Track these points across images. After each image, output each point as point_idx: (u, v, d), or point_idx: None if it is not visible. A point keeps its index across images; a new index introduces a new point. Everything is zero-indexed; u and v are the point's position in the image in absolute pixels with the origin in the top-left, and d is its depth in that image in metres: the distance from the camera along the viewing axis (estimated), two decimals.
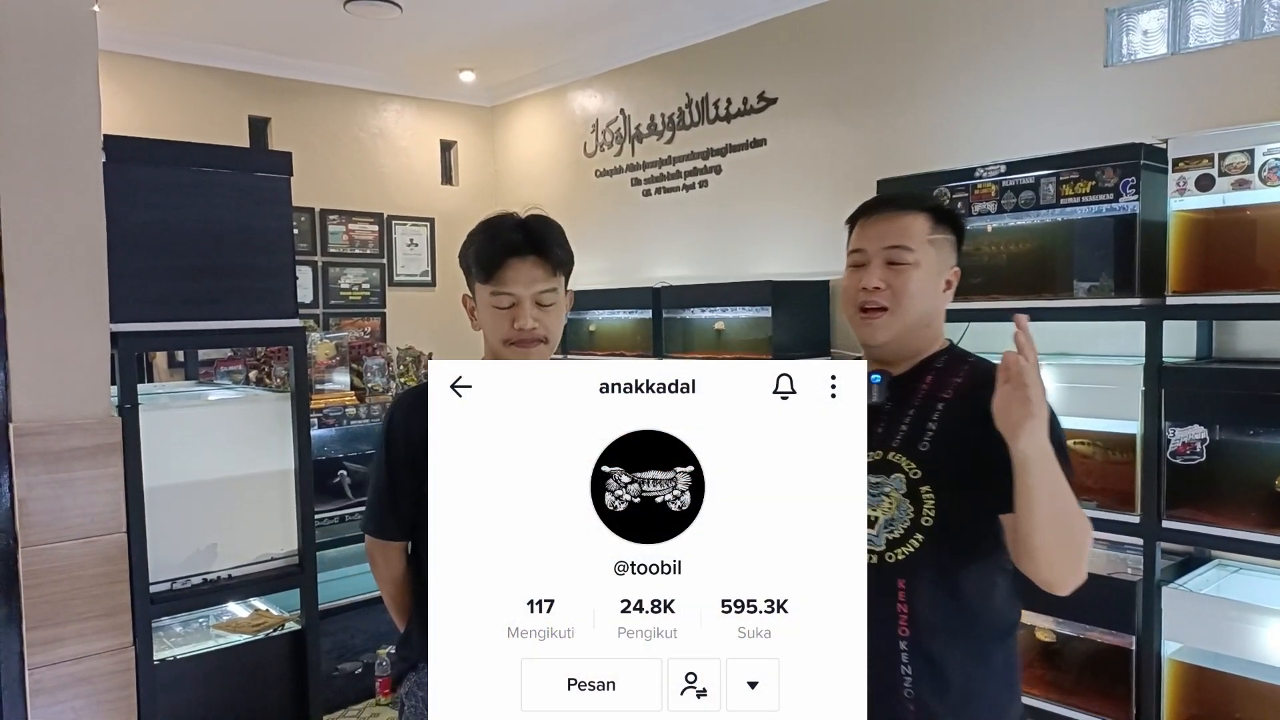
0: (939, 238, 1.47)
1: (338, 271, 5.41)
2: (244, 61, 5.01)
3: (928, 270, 1.45)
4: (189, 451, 2.53)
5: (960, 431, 1.38)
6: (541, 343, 1.60)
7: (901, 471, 1.41)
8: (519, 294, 1.57)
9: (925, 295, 1.45)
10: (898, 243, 1.45)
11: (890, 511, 1.40)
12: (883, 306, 1.44)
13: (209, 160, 2.45)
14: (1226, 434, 2.58)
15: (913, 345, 1.48)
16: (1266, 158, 2.43)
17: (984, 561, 1.42)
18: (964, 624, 1.41)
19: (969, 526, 1.39)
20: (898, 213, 1.47)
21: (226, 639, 2.71)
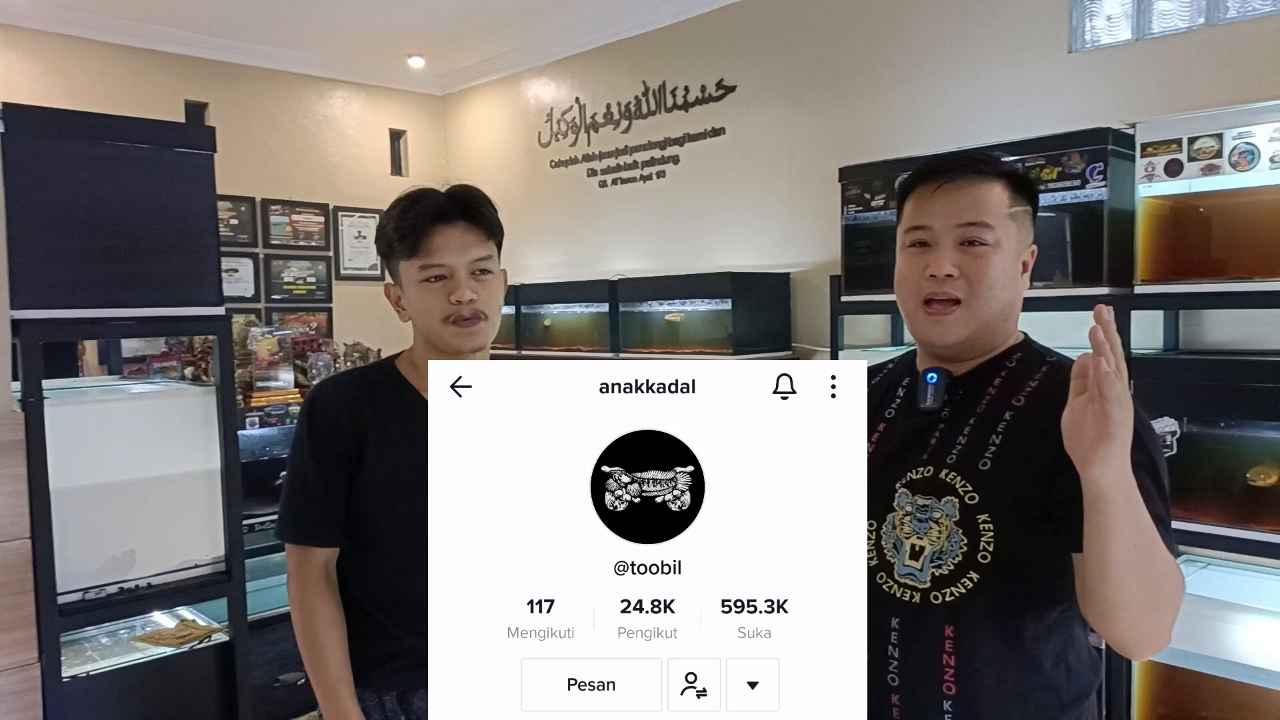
0: (1019, 210, 1.21)
1: (281, 264, 5.20)
2: (180, 43, 4.78)
3: (1008, 252, 1.19)
4: (104, 450, 2.33)
5: (1030, 447, 1.12)
6: (483, 319, 1.45)
7: (955, 495, 1.15)
8: (452, 264, 1.42)
9: (1008, 283, 1.19)
10: (975, 218, 1.17)
11: (939, 542, 1.15)
12: (955, 298, 1.18)
13: (124, 134, 2.26)
14: (1197, 426, 2.52)
15: (988, 342, 1.23)
16: (1236, 142, 2.37)
17: (1056, 610, 1.16)
18: (1027, 686, 1.15)
19: (1037, 567, 1.13)
20: (974, 179, 1.19)
21: (149, 652, 2.52)
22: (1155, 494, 1.07)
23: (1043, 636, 1.16)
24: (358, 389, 1.50)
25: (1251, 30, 2.73)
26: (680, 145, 4.42)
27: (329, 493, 1.45)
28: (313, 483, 1.45)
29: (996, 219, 1.18)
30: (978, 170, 1.20)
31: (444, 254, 1.41)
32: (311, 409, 1.47)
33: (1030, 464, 1.12)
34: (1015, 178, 1.22)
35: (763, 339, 3.77)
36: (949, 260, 1.18)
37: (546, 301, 4.49)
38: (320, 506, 1.45)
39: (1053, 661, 1.17)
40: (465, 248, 1.43)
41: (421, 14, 4.58)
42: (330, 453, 1.44)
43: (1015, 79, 3.24)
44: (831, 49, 3.79)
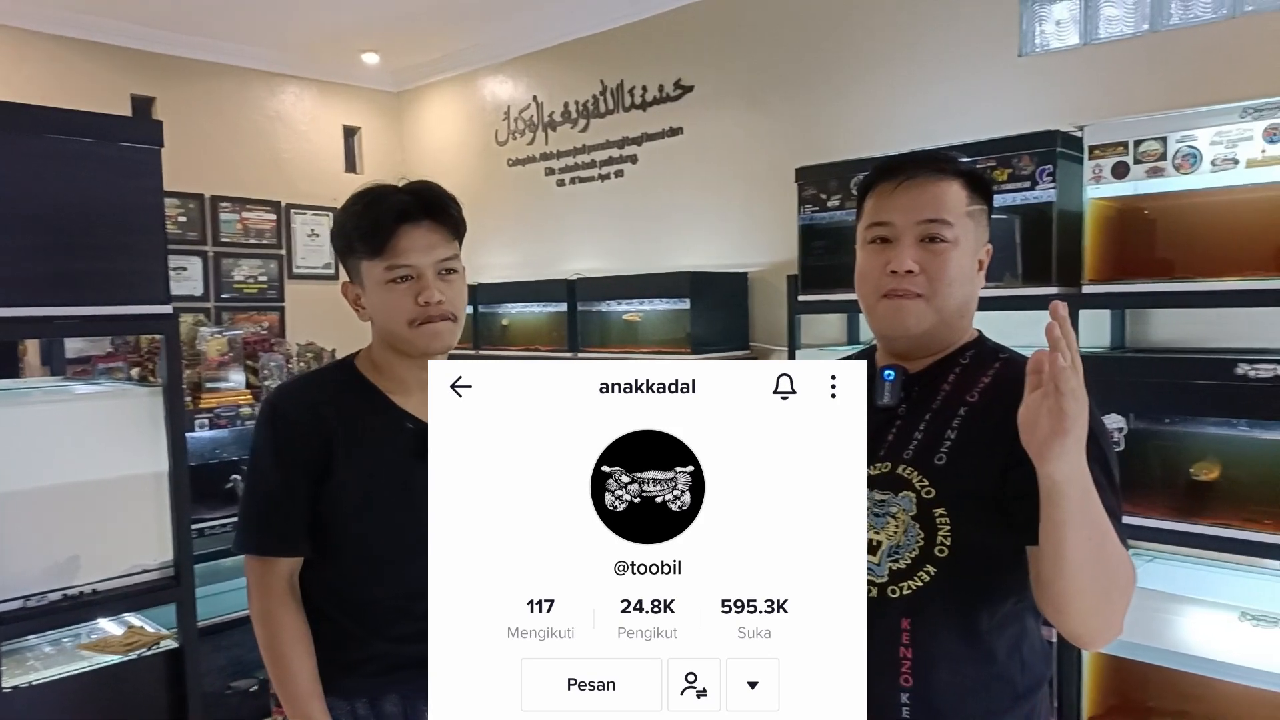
0: (976, 209, 1.24)
1: (231, 263, 5.09)
2: (126, 36, 4.66)
3: (967, 250, 1.21)
4: (47, 452, 2.26)
5: (985, 442, 1.15)
6: (450, 320, 1.42)
7: (912, 489, 1.17)
8: (419, 264, 1.39)
9: (965, 280, 1.22)
10: (935, 215, 1.19)
11: (896, 537, 1.17)
12: (916, 293, 1.19)
13: (66, 127, 2.19)
14: (1143, 423, 2.57)
15: (945, 337, 1.26)
16: (1179, 145, 2.43)
17: (1010, 603, 1.18)
18: (982, 678, 1.17)
19: (992, 560, 1.15)
20: (933, 178, 1.21)
21: (94, 660, 2.45)
22: (1107, 487, 1.08)
23: (997, 629, 1.17)
24: (321, 391, 1.46)
25: (1193, 36, 2.80)
26: (638, 145, 4.41)
27: (294, 500, 1.41)
28: (277, 490, 1.41)
29: (955, 216, 1.20)
30: (937, 169, 1.23)
31: (410, 254, 1.38)
32: (274, 413, 1.43)
33: (985, 459, 1.14)
34: (973, 177, 1.25)
35: (721, 338, 3.78)
36: (910, 256, 1.19)
37: (504, 301, 4.46)
38: (286, 515, 1.41)
39: (1007, 653, 1.18)
40: (431, 248, 1.40)
41: (376, 9, 4.51)
42: (296, 458, 1.40)
43: (967, 82, 3.29)
44: (789, 51, 3.82)
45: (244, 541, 1.44)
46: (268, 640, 1.41)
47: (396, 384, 1.48)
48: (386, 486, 1.45)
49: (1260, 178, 2.34)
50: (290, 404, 1.44)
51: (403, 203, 1.39)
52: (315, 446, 1.41)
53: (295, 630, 1.41)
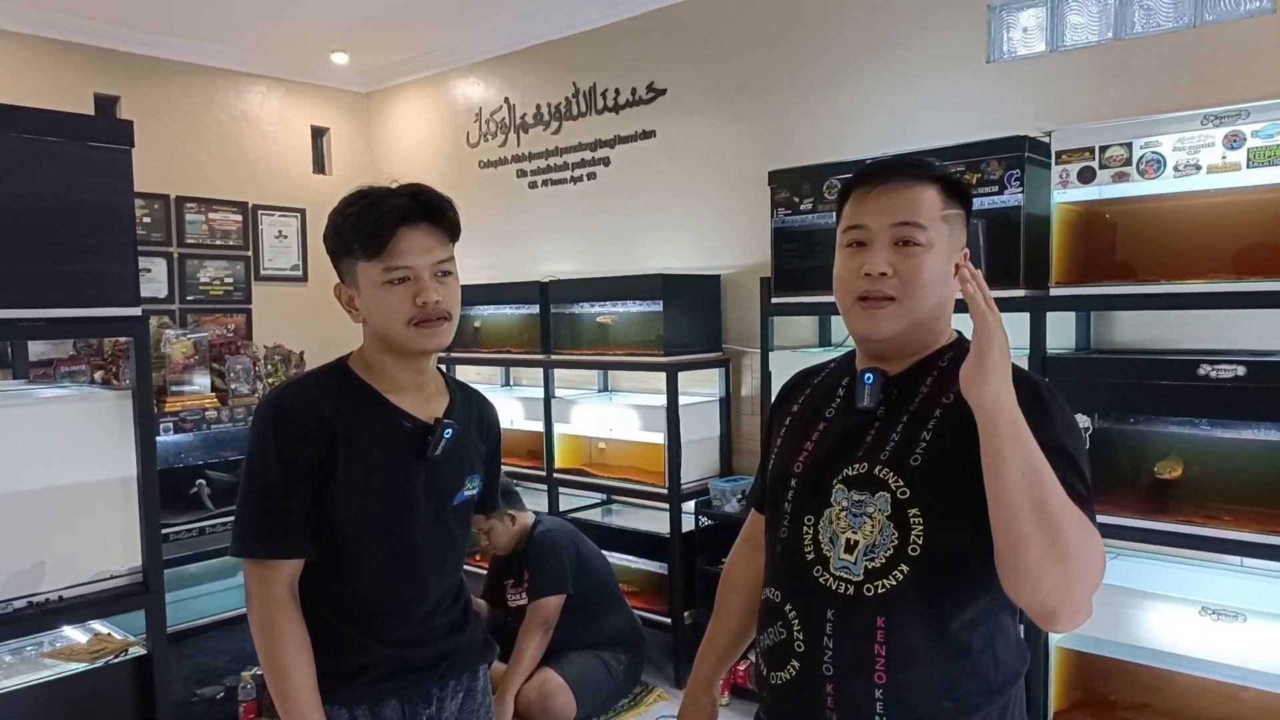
0: (951, 213, 1.26)
1: (196, 264, 5.02)
2: (89, 34, 4.57)
3: (940, 253, 1.23)
4: (10, 457, 2.22)
5: (958, 441, 1.16)
6: (447, 320, 1.44)
7: (888, 490, 1.19)
8: (417, 266, 1.40)
9: (939, 283, 1.23)
10: (909, 219, 1.21)
11: (872, 536, 1.19)
12: (890, 295, 1.21)
13: (33, 126, 2.15)
14: (1108, 422, 2.63)
15: (921, 340, 1.27)
16: (1144, 151, 2.48)
17: (984, 600, 1.20)
18: (955, 674, 1.19)
19: (965, 559, 1.17)
20: (908, 183, 1.24)
21: (59, 669, 2.40)
22: (1067, 467, 1.12)
23: (970, 625, 1.20)
24: (322, 393, 1.46)
25: (1156, 45, 2.87)
26: (611, 147, 4.42)
27: (298, 502, 1.40)
28: (281, 493, 1.39)
29: (929, 220, 1.23)
30: (912, 174, 1.25)
31: (408, 256, 1.40)
32: (277, 416, 1.41)
33: (958, 458, 1.16)
34: (949, 182, 1.27)
35: (694, 340, 3.80)
36: (883, 259, 1.21)
37: (477, 303, 4.44)
38: (290, 518, 1.40)
39: (980, 649, 1.20)
40: (429, 249, 1.42)
41: (345, 8, 4.47)
42: (299, 461, 1.40)
43: (937, 87, 3.34)
44: (761, 55, 3.85)
45: (245, 546, 1.42)
46: (269, 650, 1.39)
47: (390, 384, 1.49)
48: (385, 486, 1.45)
49: (1221, 183, 2.40)
50: (294, 406, 1.43)
51: (402, 205, 1.40)
52: (319, 448, 1.41)
53: (297, 640, 1.39)
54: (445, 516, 1.53)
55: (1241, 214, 2.51)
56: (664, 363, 3.63)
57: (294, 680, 1.37)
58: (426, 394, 1.52)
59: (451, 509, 1.54)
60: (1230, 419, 2.41)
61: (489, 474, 1.65)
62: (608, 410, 4.04)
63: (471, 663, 1.60)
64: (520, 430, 4.34)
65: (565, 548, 3.27)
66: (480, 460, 1.61)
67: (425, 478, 1.49)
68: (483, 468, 1.61)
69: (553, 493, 4.12)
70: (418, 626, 1.50)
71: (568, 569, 3.24)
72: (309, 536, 1.41)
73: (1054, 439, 1.12)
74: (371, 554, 1.45)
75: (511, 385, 4.81)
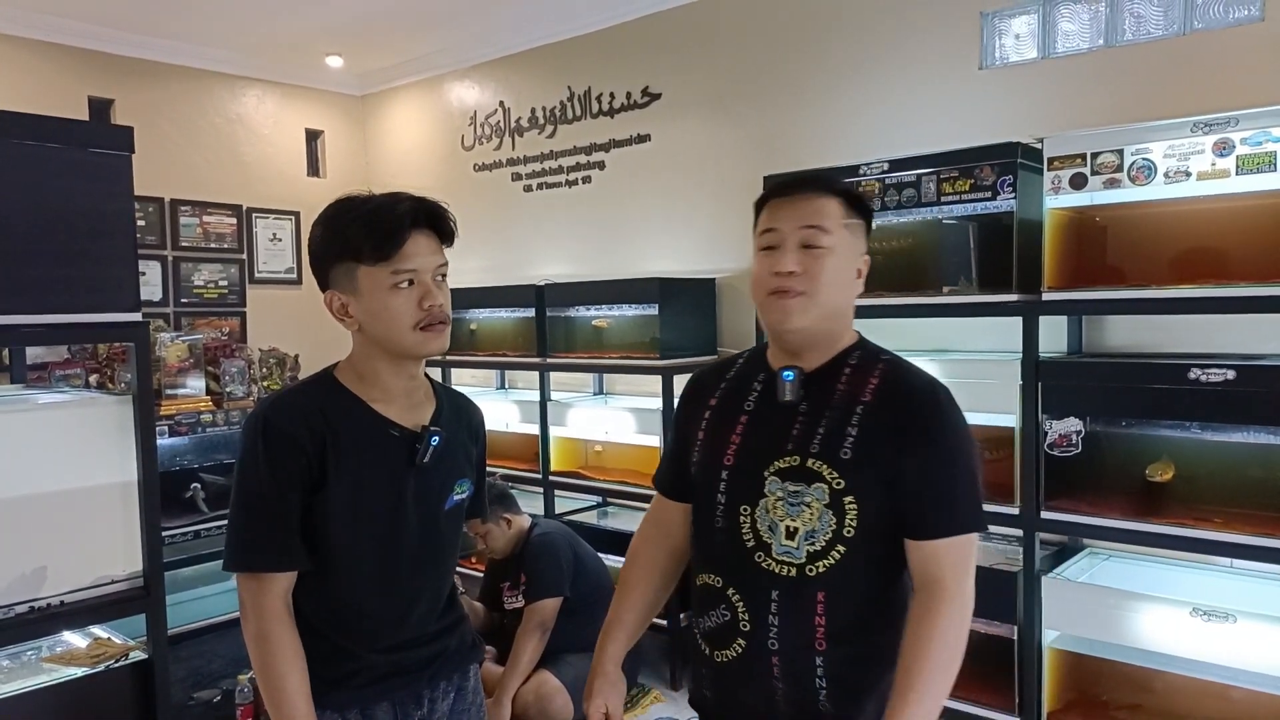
0: (853, 223, 1.42)
1: (191, 267, 5.01)
2: (83, 37, 4.56)
3: (842, 256, 1.40)
4: (11, 462, 2.22)
5: (881, 442, 1.34)
6: (446, 325, 1.47)
7: (824, 481, 1.34)
8: (422, 269, 1.43)
9: (840, 283, 1.40)
10: (814, 223, 1.38)
11: (812, 523, 1.34)
12: (800, 290, 1.37)
13: (34, 132, 2.16)
14: (1100, 426, 2.66)
15: (825, 336, 1.42)
16: (1134, 158, 2.52)
17: (901, 570, 1.39)
18: (886, 637, 1.37)
19: (892, 536, 1.36)
20: (813, 194, 1.41)
21: (60, 673, 2.40)
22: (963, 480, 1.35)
23: (896, 592, 1.40)
24: (310, 403, 1.46)
25: (1146, 52, 2.90)
26: (606, 151, 4.44)
27: (290, 514, 1.41)
28: (273, 504, 1.40)
29: (832, 226, 1.39)
30: (817, 187, 1.43)
31: (415, 259, 1.42)
32: (266, 428, 1.42)
33: (882, 453, 1.34)
34: (850, 195, 1.44)
35: (689, 343, 3.82)
36: (792, 259, 1.38)
37: (472, 306, 4.45)
38: (282, 529, 1.40)
39: (902, 611, 1.38)
40: (432, 254, 1.45)
41: (340, 12, 4.48)
42: (290, 471, 1.40)
43: (930, 94, 3.37)
44: (756, 61, 3.87)
45: (239, 559, 1.42)
46: (263, 660, 1.40)
47: (380, 392, 1.50)
48: (375, 496, 1.46)
49: (1211, 189, 2.44)
50: (283, 418, 1.43)
51: (410, 209, 1.43)
52: (310, 459, 1.41)
53: (291, 651, 1.40)
54: (436, 522, 1.54)
55: (1231, 220, 2.55)
56: (659, 366, 3.65)
57: (289, 691, 1.38)
58: (414, 401, 1.53)
59: (443, 514, 1.55)
60: (1220, 422, 2.45)
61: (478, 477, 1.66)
62: (603, 413, 4.06)
63: (461, 663, 1.61)
64: (516, 433, 4.35)
65: (562, 550, 3.29)
66: (470, 464, 1.61)
67: (415, 485, 1.49)
68: (472, 472, 1.62)
69: (549, 495, 4.13)
70: (409, 631, 1.52)
71: (564, 572, 3.25)
72: (302, 547, 1.42)
73: (948, 454, 1.34)
74: (363, 562, 1.46)
75: (507, 388, 4.83)
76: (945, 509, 1.33)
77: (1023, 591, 2.73)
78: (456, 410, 1.62)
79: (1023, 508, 2.74)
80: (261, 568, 1.41)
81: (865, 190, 3.00)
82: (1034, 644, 2.72)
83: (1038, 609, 2.70)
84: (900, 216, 2.97)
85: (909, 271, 3.04)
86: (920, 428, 1.34)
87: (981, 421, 2.90)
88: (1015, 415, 2.75)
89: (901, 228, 3.03)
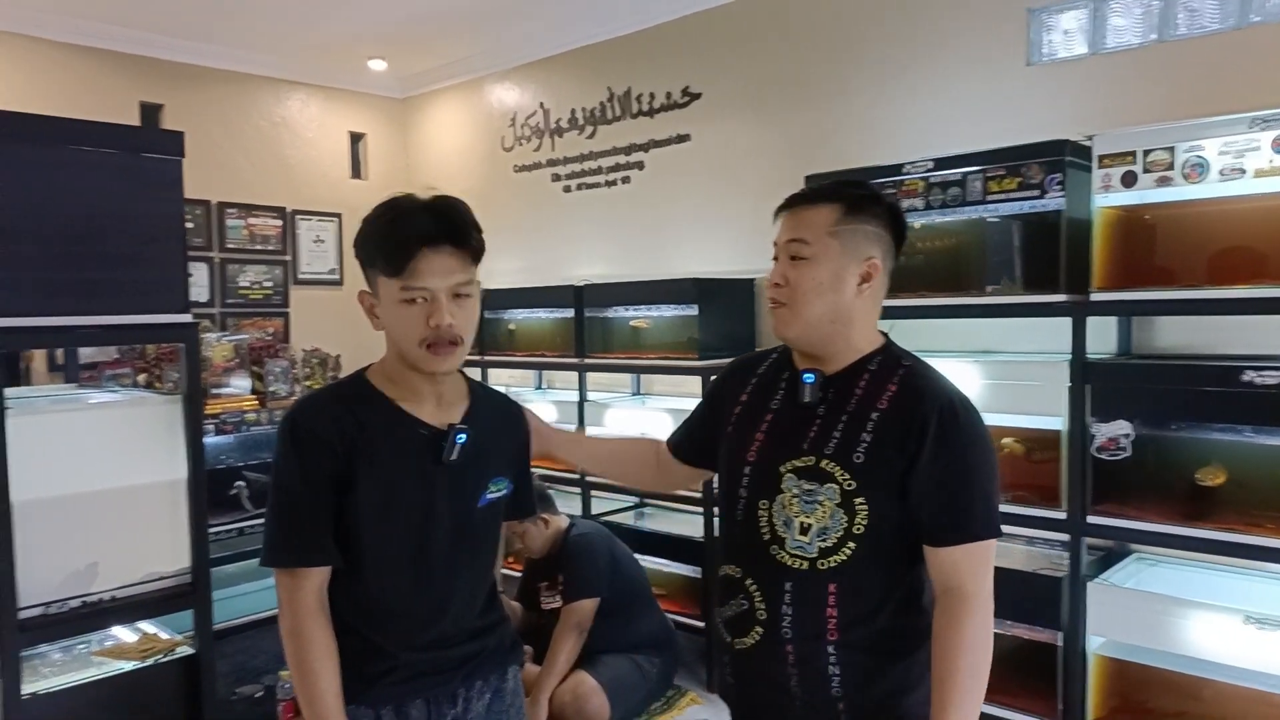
0: (847, 228, 1.42)
1: (237, 269, 5.11)
2: (135, 43, 4.68)
3: (826, 265, 1.42)
4: (66, 461, 2.28)
5: (892, 447, 1.38)
6: (459, 344, 1.45)
7: (835, 482, 1.39)
8: (434, 288, 1.41)
9: (822, 291, 1.42)
10: (795, 236, 1.43)
11: (824, 520, 1.40)
12: (782, 302, 1.44)
13: (89, 138, 2.21)
14: (1150, 429, 2.60)
15: (830, 343, 1.45)
16: (1188, 155, 2.46)
17: (914, 565, 1.43)
18: (894, 626, 1.42)
19: (900, 535, 1.40)
20: (805, 206, 1.46)
21: (110, 667, 2.46)
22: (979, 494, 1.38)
23: (906, 584, 1.43)
24: (339, 404, 1.48)
25: (1200, 46, 2.83)
26: (645, 151, 4.44)
27: (322, 512, 1.43)
28: (305, 504, 1.42)
29: (814, 236, 1.42)
30: (809, 198, 1.46)
31: (426, 278, 1.40)
32: (294, 429, 1.44)
33: (893, 459, 1.38)
34: (851, 201, 1.44)
35: (728, 344, 3.80)
36: (779, 271, 1.45)
37: (511, 307, 4.47)
38: (315, 528, 1.43)
39: (916, 599, 1.44)
40: (448, 272, 1.42)
41: (383, 16, 4.53)
42: (320, 471, 1.42)
43: (975, 91, 3.32)
44: (796, 59, 3.85)
45: (275, 556, 1.45)
46: (297, 656, 1.42)
47: (409, 393, 1.51)
48: (405, 494, 1.47)
49: (1268, 187, 2.37)
50: (312, 419, 1.45)
51: (424, 228, 1.40)
52: (339, 459, 1.43)
53: (324, 647, 1.42)
54: (469, 521, 1.54)
55: None
56: (698, 367, 3.64)
57: (320, 686, 1.40)
58: (445, 401, 1.54)
59: (476, 512, 1.55)
60: (1274, 425, 2.38)
61: (519, 476, 1.65)
62: (641, 414, 4.06)
63: (500, 664, 1.61)
64: None
65: (600, 551, 3.29)
66: (507, 462, 1.61)
67: (446, 484, 1.50)
68: (511, 470, 1.62)
69: (586, 496, 4.14)
70: (444, 629, 1.52)
71: (602, 572, 3.25)
72: (333, 545, 1.44)
73: (961, 463, 1.37)
74: (394, 560, 1.47)
75: (545, 389, 4.85)
76: (960, 518, 1.37)
77: (1068, 597, 2.68)
78: (493, 409, 1.62)
79: (1069, 512, 2.69)
80: (294, 564, 1.43)
81: (908, 189, 2.96)
82: (1078, 650, 2.67)
83: (1083, 615, 2.65)
84: (944, 216, 2.93)
85: (953, 271, 2.99)
86: (933, 438, 1.36)
87: (1027, 424, 2.85)
88: (1062, 418, 2.70)
89: (946, 227, 2.98)
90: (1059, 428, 2.72)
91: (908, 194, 2.97)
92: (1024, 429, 2.86)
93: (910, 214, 2.98)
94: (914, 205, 2.95)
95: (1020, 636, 2.75)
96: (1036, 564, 2.87)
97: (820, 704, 1.42)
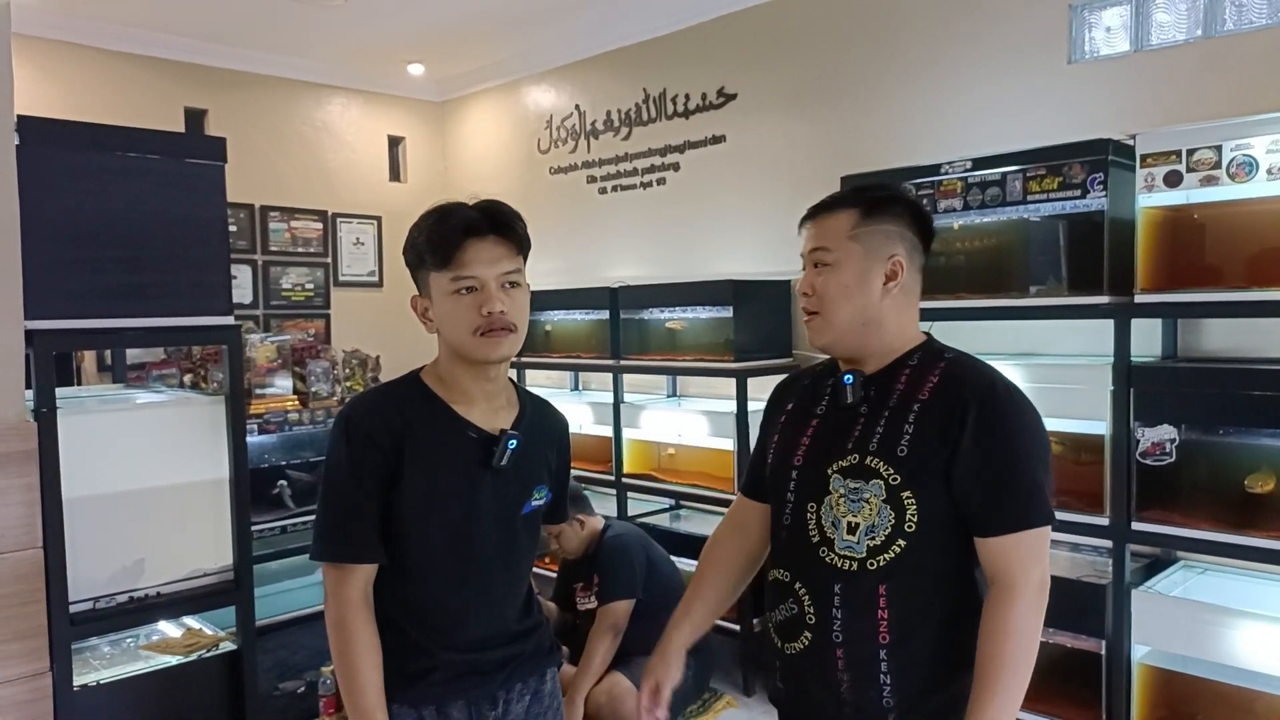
0: (866, 230, 1.43)
1: (279, 271, 5.19)
2: (180, 50, 4.78)
3: (849, 269, 1.43)
4: (114, 459, 2.34)
5: (936, 436, 1.36)
6: (511, 332, 1.48)
7: (880, 478, 1.37)
8: (483, 276, 1.45)
9: (848, 295, 1.43)
10: (817, 245, 1.45)
11: (871, 518, 1.37)
12: (813, 310, 1.46)
13: (135, 145, 2.27)
14: (1196, 434, 2.55)
15: (866, 344, 1.45)
16: (1234, 154, 2.40)
17: (967, 558, 1.39)
18: (949, 632, 1.38)
19: (952, 527, 1.37)
20: (824, 214, 1.47)
21: (156, 661, 2.52)
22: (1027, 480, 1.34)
23: (959, 580, 1.40)
24: (390, 403, 1.51)
25: (1248, 42, 2.77)
26: (681, 153, 4.44)
27: (370, 509, 1.46)
28: (353, 500, 1.45)
29: (835, 243, 1.43)
30: (829, 206, 1.47)
31: (475, 266, 1.44)
32: (348, 426, 1.48)
33: (936, 449, 1.35)
34: (871, 202, 1.45)
35: (764, 346, 3.79)
36: (806, 281, 1.47)
37: (547, 308, 4.50)
38: (363, 524, 1.45)
39: (969, 597, 1.39)
40: (496, 260, 1.46)
41: (421, 21, 4.59)
42: (369, 468, 1.45)
43: (1016, 89, 3.27)
44: (832, 58, 3.82)
45: (323, 550, 1.48)
46: (340, 649, 1.45)
47: (460, 395, 1.53)
48: (452, 494, 1.50)
49: None
50: (363, 416, 1.49)
51: (470, 218, 1.45)
52: (387, 456, 1.46)
53: (367, 641, 1.45)
54: (512, 526, 1.56)
55: None
56: (734, 368, 3.64)
57: (361, 680, 1.43)
58: (496, 405, 1.56)
59: (520, 519, 1.57)
60: None
61: (557, 486, 1.68)
62: (677, 416, 4.06)
63: (538, 666, 1.63)
64: (589, 435, 4.38)
65: (635, 552, 3.29)
66: (549, 472, 1.64)
67: (492, 487, 1.52)
68: (551, 479, 1.64)
69: (621, 498, 4.15)
70: (484, 631, 1.54)
71: (638, 574, 3.26)
72: (379, 543, 1.47)
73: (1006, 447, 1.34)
74: (437, 561, 1.50)
75: (581, 390, 4.87)
76: (1007, 504, 1.33)
77: (1112, 605, 2.63)
78: (540, 417, 1.65)
79: (1112, 518, 2.64)
80: (340, 559, 1.46)
81: (946, 190, 2.93)
82: (1123, 659, 2.62)
83: (1127, 623, 2.60)
84: (984, 216, 2.89)
85: (993, 273, 2.95)
86: (974, 421, 1.34)
87: (1070, 428, 2.80)
88: (1106, 422, 2.65)
89: (985, 228, 2.95)
90: (1102, 432, 2.67)
91: (946, 194, 2.93)
92: (1066, 433, 2.82)
93: (949, 214, 2.96)
94: (952, 206, 2.92)
95: (1063, 644, 2.71)
96: (1079, 571, 2.82)
97: (871, 712, 1.38)
